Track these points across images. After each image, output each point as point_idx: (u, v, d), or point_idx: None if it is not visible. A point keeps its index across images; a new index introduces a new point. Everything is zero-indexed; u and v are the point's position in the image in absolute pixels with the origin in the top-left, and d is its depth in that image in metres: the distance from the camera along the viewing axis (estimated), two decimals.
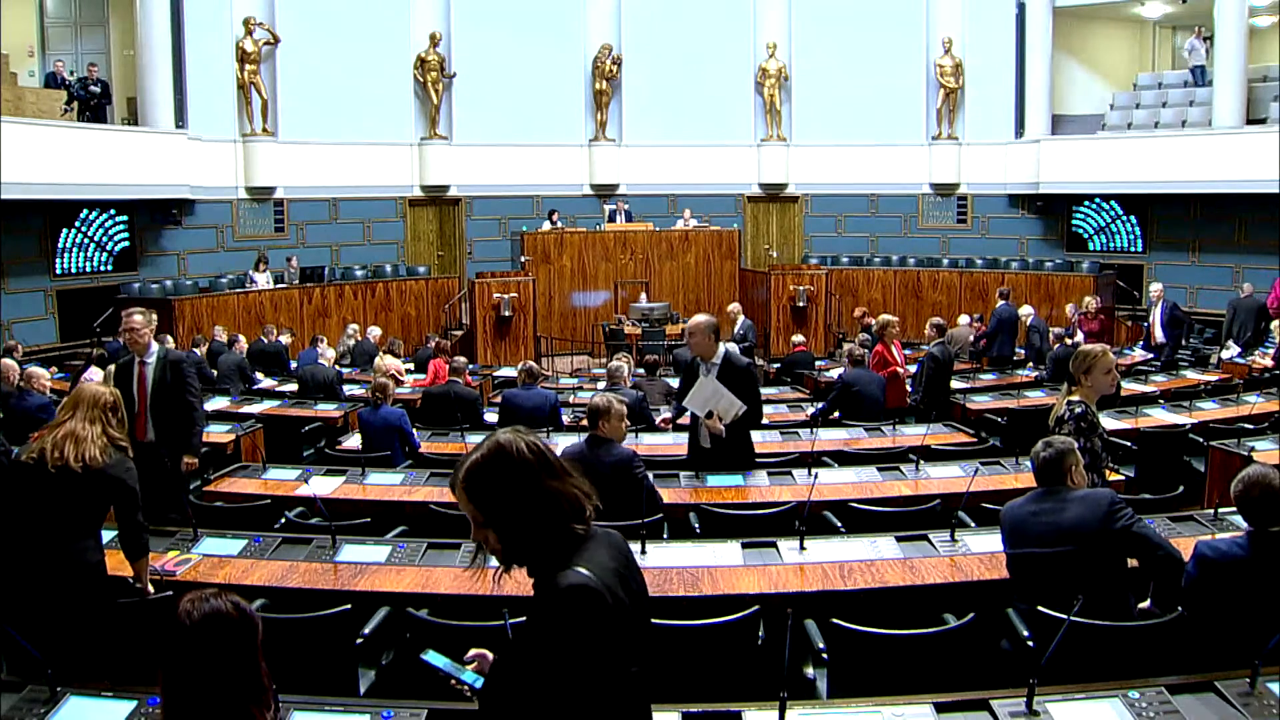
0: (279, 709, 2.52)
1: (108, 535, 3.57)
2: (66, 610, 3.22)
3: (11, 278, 11.67)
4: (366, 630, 3.40)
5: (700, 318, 5.32)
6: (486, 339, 13.51)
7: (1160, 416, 7.01)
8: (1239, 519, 3.36)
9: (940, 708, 2.59)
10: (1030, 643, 3.16)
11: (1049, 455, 3.40)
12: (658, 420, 6.50)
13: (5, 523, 3.32)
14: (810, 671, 3.26)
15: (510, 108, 15.19)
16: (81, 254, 12.48)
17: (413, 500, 5.06)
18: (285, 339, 11.45)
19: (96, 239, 12.64)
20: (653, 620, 3.17)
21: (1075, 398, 4.16)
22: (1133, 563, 3.34)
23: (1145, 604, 3.33)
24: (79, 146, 11.75)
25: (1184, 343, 11.14)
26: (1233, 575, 3.05)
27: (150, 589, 3.56)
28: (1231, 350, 10.47)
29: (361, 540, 4.17)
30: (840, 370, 8.31)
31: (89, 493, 3.34)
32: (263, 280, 13.41)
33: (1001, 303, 11.60)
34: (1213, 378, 9.19)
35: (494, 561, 2.01)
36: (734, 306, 12.37)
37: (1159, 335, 10.90)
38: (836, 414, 7.43)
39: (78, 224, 12.37)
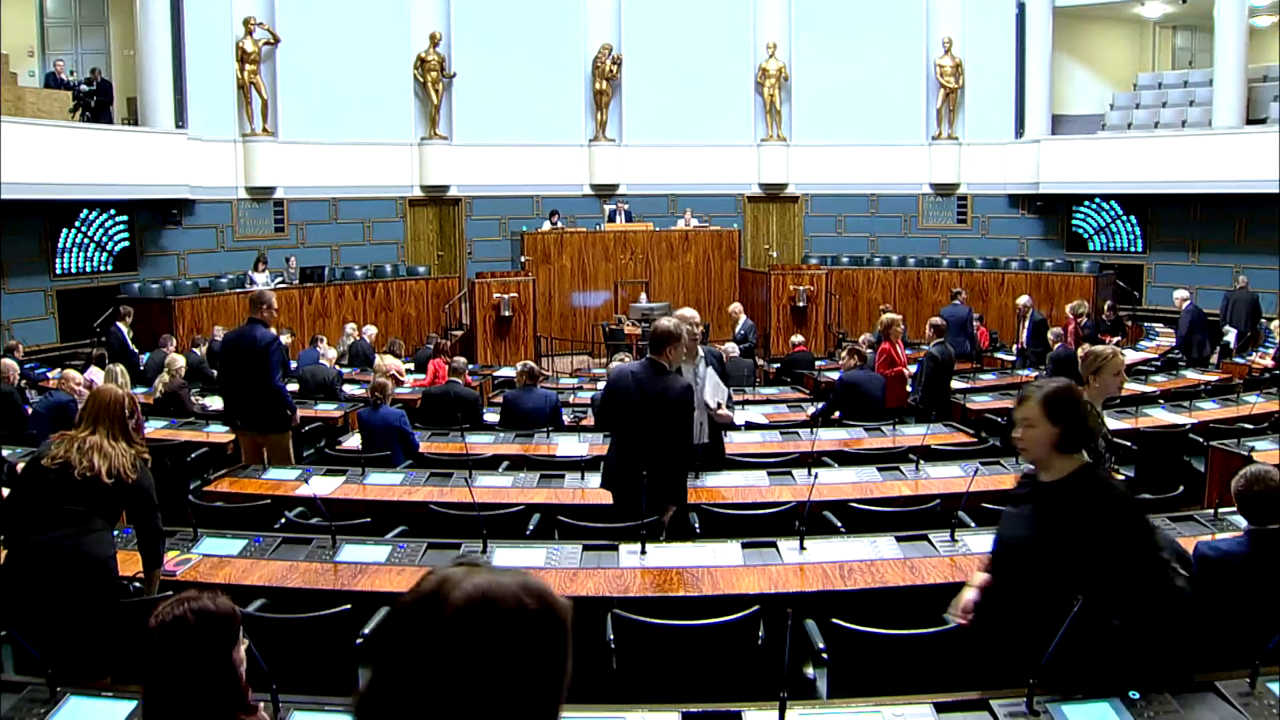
0: (279, 708, 2.52)
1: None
2: (78, 602, 3.25)
3: (11, 278, 11.66)
4: (366, 630, 3.40)
5: (689, 313, 5.32)
6: (486, 339, 13.51)
7: (1160, 416, 7.01)
8: (1239, 519, 3.37)
9: (940, 708, 2.59)
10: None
11: None
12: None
13: (21, 518, 3.36)
14: (810, 671, 3.26)
15: (510, 108, 15.19)
16: (81, 254, 12.48)
17: (413, 500, 5.06)
18: (285, 339, 11.42)
19: (96, 239, 12.63)
20: (653, 620, 3.19)
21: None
22: None
23: None
24: (79, 146, 11.75)
25: (1203, 347, 11.06)
26: (1233, 575, 3.06)
27: (154, 590, 3.58)
28: (1230, 335, 10.67)
29: (361, 540, 4.17)
30: (840, 371, 8.30)
31: (113, 496, 3.42)
32: (262, 280, 13.39)
33: (954, 302, 11.71)
34: (1213, 378, 9.19)
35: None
36: (735, 306, 12.35)
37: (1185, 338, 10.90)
38: (837, 414, 7.43)
39: (78, 224, 12.37)
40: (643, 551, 3.92)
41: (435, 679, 1.08)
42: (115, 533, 3.56)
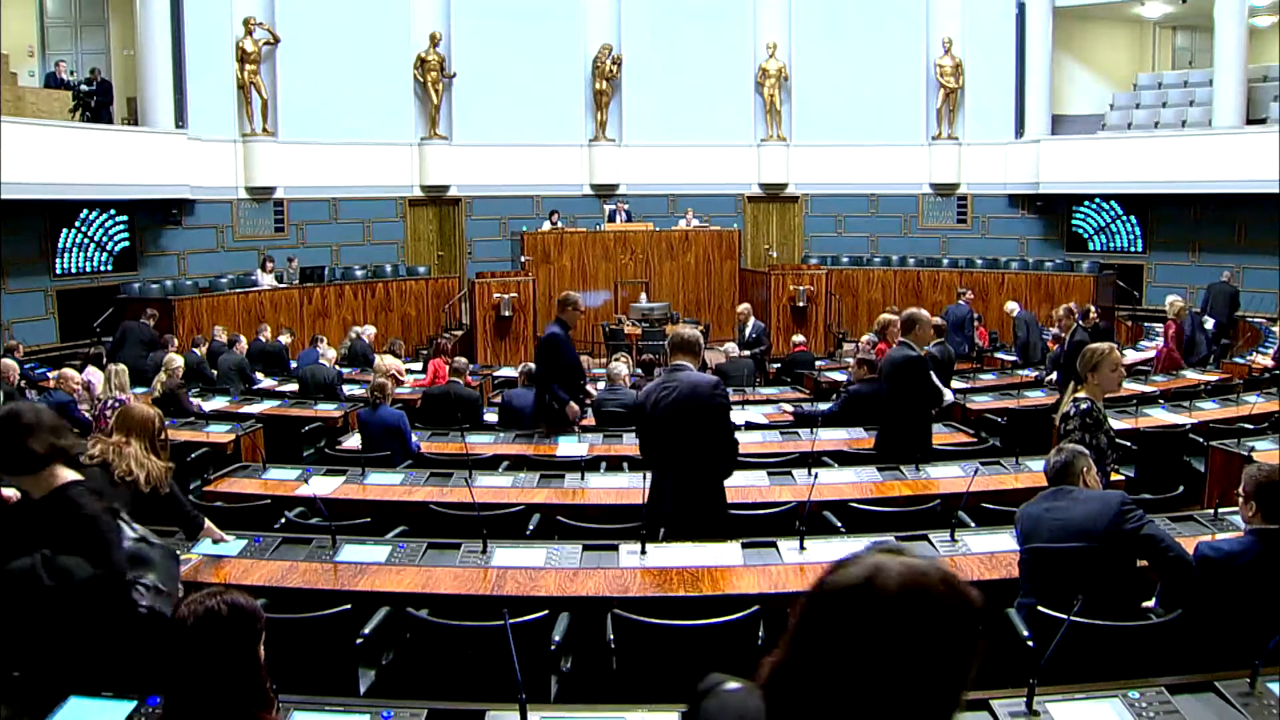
0: (279, 708, 2.52)
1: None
2: (92, 598, 3.26)
3: (11, 278, 11.66)
4: (366, 630, 3.40)
5: (923, 314, 5.59)
6: (486, 339, 13.50)
7: (1160, 416, 7.00)
8: (1239, 519, 3.36)
9: None
10: (1030, 643, 3.16)
11: (1059, 460, 3.47)
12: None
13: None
14: None
15: (510, 108, 15.19)
16: (81, 254, 12.48)
17: (413, 500, 5.06)
18: (285, 339, 11.44)
19: (96, 239, 12.63)
20: (653, 620, 3.19)
21: (1081, 395, 4.18)
22: (1142, 563, 3.34)
23: (1149, 603, 3.33)
24: (79, 146, 11.75)
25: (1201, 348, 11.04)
26: (1234, 575, 3.05)
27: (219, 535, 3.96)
28: (1208, 324, 11.01)
29: (361, 540, 4.16)
30: (848, 377, 8.27)
31: (144, 503, 3.57)
32: (268, 281, 13.40)
33: (959, 301, 11.70)
34: (1213, 378, 9.18)
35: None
36: (744, 307, 12.22)
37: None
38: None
39: (78, 224, 12.37)
40: (643, 551, 3.92)
41: (859, 661, 1.12)
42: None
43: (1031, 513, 3.44)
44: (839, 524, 4.53)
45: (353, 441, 6.79)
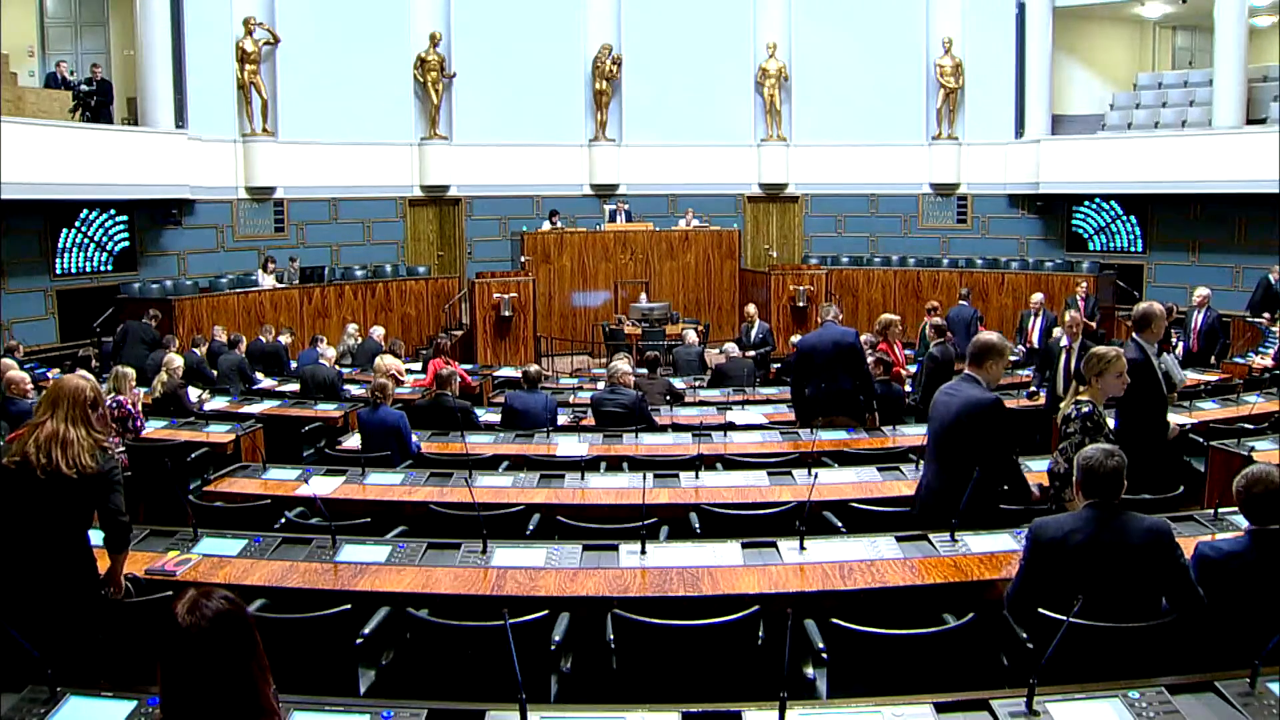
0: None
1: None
2: (64, 608, 3.20)
3: (11, 278, 11.67)
4: (366, 630, 3.40)
5: (1158, 308, 5.28)
6: (486, 339, 13.50)
7: None
8: (1239, 519, 3.36)
9: (940, 708, 2.59)
10: (1029, 644, 3.16)
11: (1117, 465, 3.12)
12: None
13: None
14: (810, 671, 3.26)
15: (510, 108, 15.20)
16: (81, 254, 12.48)
17: (413, 500, 5.06)
18: (285, 339, 11.44)
19: (96, 239, 12.64)
20: (653, 620, 3.19)
21: (1084, 397, 4.18)
22: None
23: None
24: (79, 146, 11.75)
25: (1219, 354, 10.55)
26: (1233, 575, 3.05)
27: (122, 590, 3.44)
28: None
29: (361, 540, 4.16)
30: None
31: (79, 494, 3.24)
32: (269, 281, 13.40)
33: (962, 303, 11.61)
34: (1213, 378, 9.17)
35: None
36: (750, 309, 12.21)
37: (1197, 342, 10.48)
38: None
39: (78, 224, 12.37)
40: (643, 551, 3.93)
41: None
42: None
43: (1078, 541, 3.12)
44: (839, 524, 4.54)
45: (353, 441, 6.78)
